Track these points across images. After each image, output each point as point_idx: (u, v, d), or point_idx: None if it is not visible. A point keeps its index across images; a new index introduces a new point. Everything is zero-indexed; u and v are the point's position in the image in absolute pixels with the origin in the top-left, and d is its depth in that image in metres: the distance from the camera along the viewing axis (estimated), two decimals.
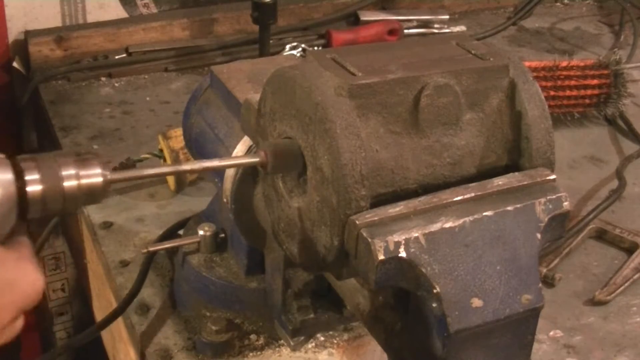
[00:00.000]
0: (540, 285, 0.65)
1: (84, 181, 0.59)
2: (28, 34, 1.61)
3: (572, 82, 1.47)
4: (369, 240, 0.61)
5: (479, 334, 0.63)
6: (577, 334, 1.04)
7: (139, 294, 1.04)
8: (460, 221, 0.64)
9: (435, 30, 1.86)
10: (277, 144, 0.70)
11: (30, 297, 0.56)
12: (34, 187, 0.57)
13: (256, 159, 0.69)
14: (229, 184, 0.87)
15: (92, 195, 0.60)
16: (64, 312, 1.82)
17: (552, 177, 0.69)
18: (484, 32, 1.91)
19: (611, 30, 2.00)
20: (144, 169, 0.65)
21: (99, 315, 1.29)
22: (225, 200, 0.88)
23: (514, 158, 0.71)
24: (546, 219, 0.66)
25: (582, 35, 1.97)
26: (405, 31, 1.81)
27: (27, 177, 0.57)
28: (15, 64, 1.62)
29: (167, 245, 1.00)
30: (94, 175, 0.60)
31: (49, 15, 1.65)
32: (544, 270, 1.11)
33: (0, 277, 0.54)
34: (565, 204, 0.67)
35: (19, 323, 0.57)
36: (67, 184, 0.58)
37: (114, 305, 1.07)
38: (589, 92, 1.49)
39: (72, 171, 0.59)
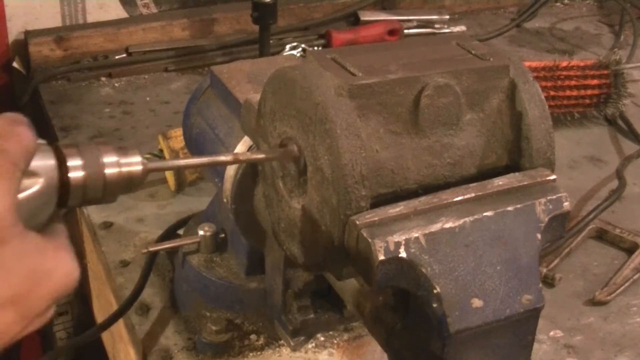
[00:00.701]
0: (540, 285, 0.65)
1: (124, 169, 0.59)
2: (28, 34, 1.61)
3: (572, 82, 1.47)
4: (369, 240, 0.61)
5: (479, 334, 0.63)
6: (577, 334, 1.04)
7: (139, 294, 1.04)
8: (461, 221, 0.64)
9: (435, 30, 1.86)
10: None
11: (66, 287, 0.56)
12: (76, 174, 0.57)
13: (291, 153, 0.69)
14: (229, 184, 0.87)
15: (131, 183, 0.60)
16: (64, 312, 1.82)
17: (552, 177, 0.69)
18: (486, 33, 1.90)
19: (611, 30, 2.00)
20: (179, 159, 0.66)
21: (99, 315, 1.29)
22: (225, 200, 0.88)
23: (514, 158, 0.70)
24: (546, 219, 0.66)
25: (582, 35, 1.97)
26: (405, 31, 1.81)
27: (70, 163, 0.57)
28: (15, 64, 1.62)
29: (167, 245, 1.00)
30: (134, 164, 0.60)
31: (49, 15, 1.65)
32: (544, 270, 1.11)
33: (38, 267, 0.54)
34: (566, 204, 0.67)
35: (51, 312, 0.57)
36: (109, 171, 0.58)
37: (114, 305, 1.07)
38: (589, 92, 1.49)
39: (113, 158, 0.59)
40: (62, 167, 0.56)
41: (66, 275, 0.56)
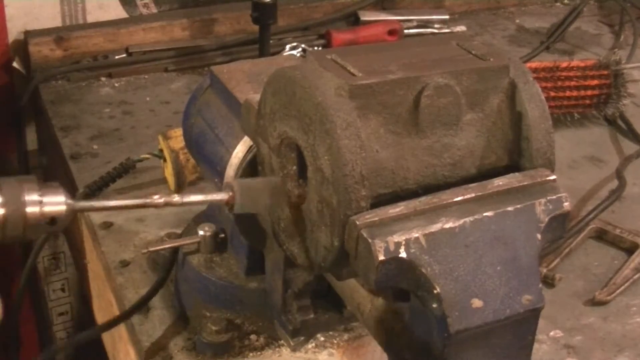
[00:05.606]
0: (540, 285, 0.65)
1: (47, 209, 0.58)
2: (28, 34, 1.61)
3: (572, 83, 1.47)
4: (369, 240, 0.61)
5: (479, 335, 0.63)
6: (577, 334, 1.04)
7: (138, 294, 1.04)
8: (461, 221, 0.64)
9: (435, 30, 1.86)
10: (247, 183, 0.73)
11: None
12: None
13: (224, 197, 0.72)
14: None
15: (55, 223, 0.59)
16: (64, 312, 1.82)
17: (553, 177, 0.69)
18: (487, 33, 1.89)
19: (611, 30, 2.00)
20: (110, 200, 0.66)
21: (99, 315, 1.29)
22: None
23: (514, 158, 0.71)
24: (546, 220, 0.66)
25: (582, 35, 1.97)
26: (405, 31, 1.81)
27: None
28: (15, 64, 1.62)
29: (167, 245, 1.00)
30: (57, 203, 0.59)
31: (49, 15, 1.65)
32: (544, 270, 1.11)
33: None
34: (566, 204, 0.67)
35: None
36: (30, 209, 0.57)
37: (114, 305, 1.07)
38: (589, 92, 1.49)
39: (35, 197, 0.57)
40: None
41: None
